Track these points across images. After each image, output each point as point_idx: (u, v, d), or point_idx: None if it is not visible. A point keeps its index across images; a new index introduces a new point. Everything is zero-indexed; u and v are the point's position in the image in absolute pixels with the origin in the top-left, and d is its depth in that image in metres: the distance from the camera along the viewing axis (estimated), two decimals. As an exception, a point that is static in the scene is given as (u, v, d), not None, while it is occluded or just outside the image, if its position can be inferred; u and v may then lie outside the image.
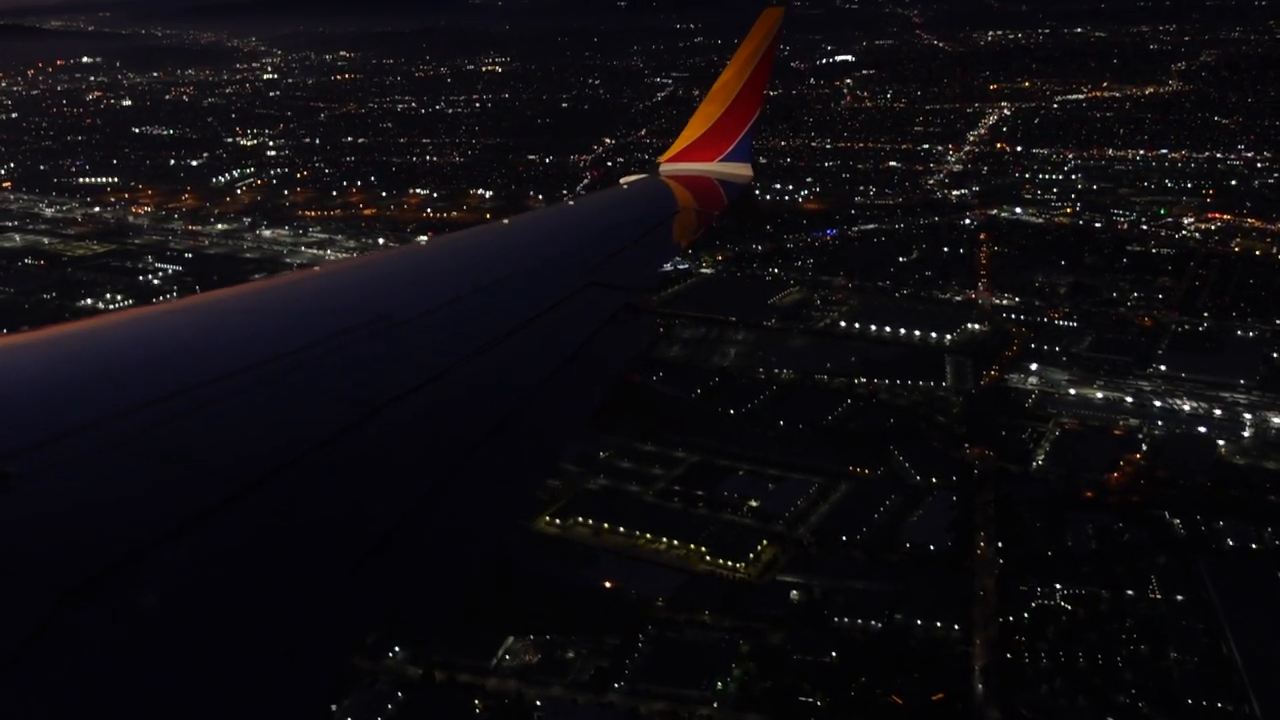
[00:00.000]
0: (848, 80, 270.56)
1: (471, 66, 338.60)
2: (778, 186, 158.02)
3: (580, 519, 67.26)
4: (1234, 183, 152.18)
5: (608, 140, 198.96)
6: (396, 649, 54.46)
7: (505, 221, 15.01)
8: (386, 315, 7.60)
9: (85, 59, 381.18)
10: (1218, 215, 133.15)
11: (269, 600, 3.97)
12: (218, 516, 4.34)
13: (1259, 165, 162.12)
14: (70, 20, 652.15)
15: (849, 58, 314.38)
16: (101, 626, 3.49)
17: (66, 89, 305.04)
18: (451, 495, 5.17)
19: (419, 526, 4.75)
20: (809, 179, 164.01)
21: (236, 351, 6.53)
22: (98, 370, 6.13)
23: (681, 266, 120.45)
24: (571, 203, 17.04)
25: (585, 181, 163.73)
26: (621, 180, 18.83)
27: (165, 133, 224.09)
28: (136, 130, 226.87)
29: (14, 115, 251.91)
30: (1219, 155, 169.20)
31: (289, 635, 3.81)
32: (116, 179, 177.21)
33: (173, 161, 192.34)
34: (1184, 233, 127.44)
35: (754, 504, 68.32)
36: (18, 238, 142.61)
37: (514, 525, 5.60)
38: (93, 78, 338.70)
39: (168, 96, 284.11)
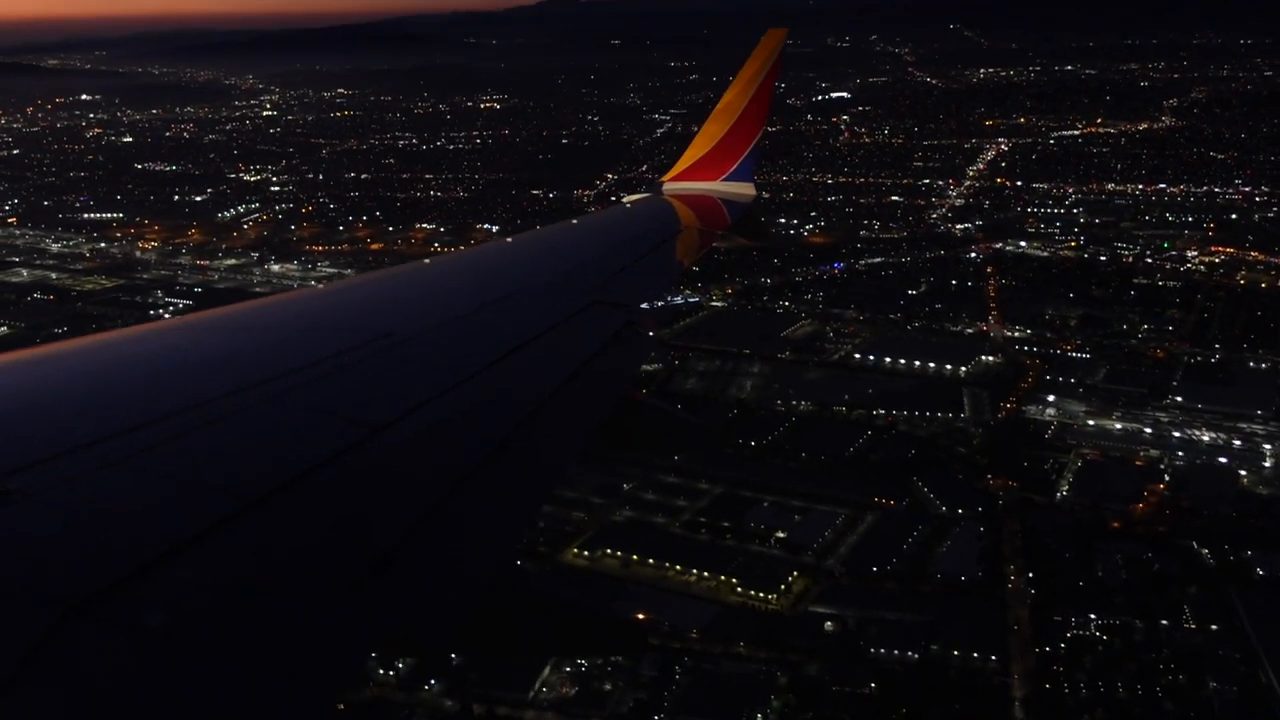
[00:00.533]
0: (844, 116, 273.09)
1: (470, 103, 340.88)
2: (782, 220, 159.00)
3: (608, 551, 67.09)
4: (1234, 216, 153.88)
5: (610, 175, 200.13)
6: (432, 681, 54.34)
7: (509, 239, 14.72)
8: (390, 333, 7.65)
9: (85, 96, 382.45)
10: (1221, 249, 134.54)
11: (269, 619, 3.94)
12: (218, 535, 4.31)
13: (1258, 199, 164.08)
14: (67, 58, 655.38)
15: (844, 94, 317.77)
16: (100, 645, 3.45)
17: (66, 126, 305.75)
18: (454, 513, 5.15)
19: (421, 545, 4.73)
20: (813, 213, 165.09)
21: (239, 368, 6.55)
22: (99, 387, 6.12)
23: (692, 300, 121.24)
24: (575, 221, 16.67)
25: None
26: (625, 199, 18.84)
27: (168, 169, 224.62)
28: (139, 166, 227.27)
29: (15, 151, 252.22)
30: (1217, 190, 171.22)
31: (292, 653, 3.78)
32: (122, 214, 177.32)
33: (177, 197, 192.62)
34: (1189, 266, 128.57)
35: (781, 535, 68.34)
36: (25, 273, 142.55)
37: (517, 542, 5.64)
38: (92, 115, 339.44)
39: (168, 133, 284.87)
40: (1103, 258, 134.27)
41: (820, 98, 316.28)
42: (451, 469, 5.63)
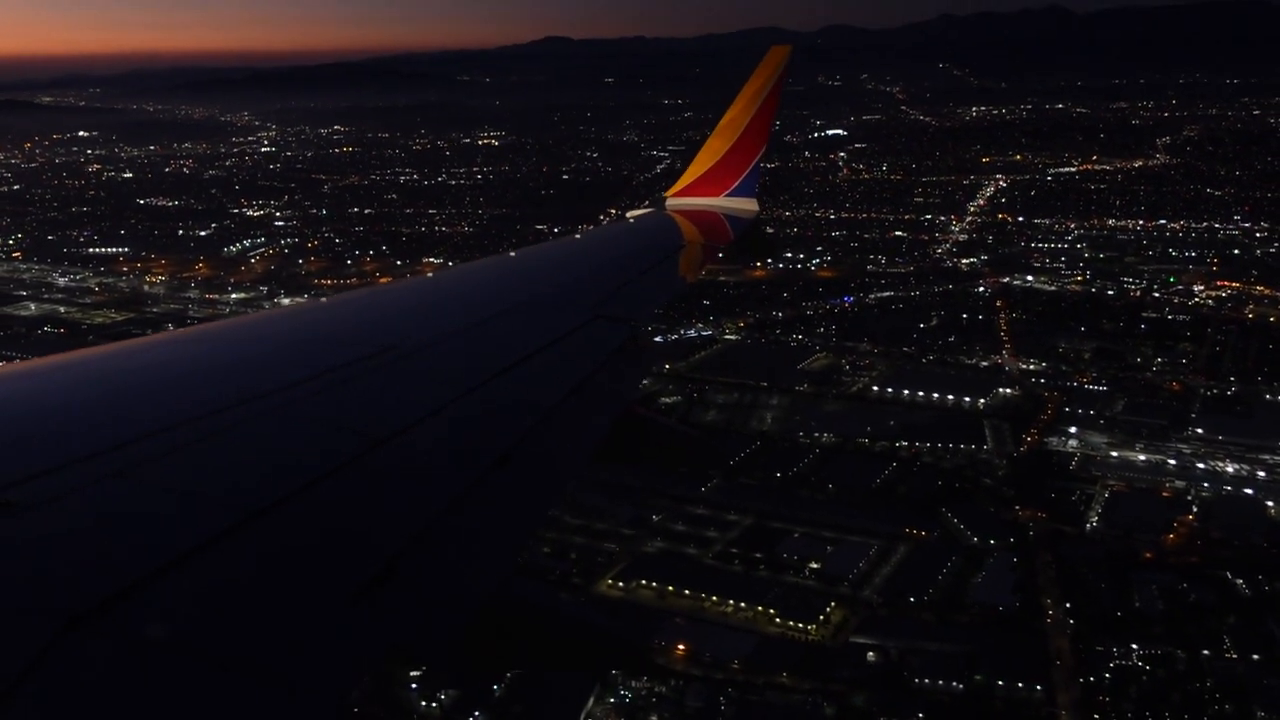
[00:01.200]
0: (842, 153, 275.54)
1: (468, 140, 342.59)
2: (789, 255, 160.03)
3: (643, 581, 66.85)
4: (1236, 252, 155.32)
5: (612, 210, 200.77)
6: (477, 713, 53.94)
7: (513, 253, 14.55)
8: (393, 345, 7.62)
9: (82, 133, 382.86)
10: (1226, 283, 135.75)
11: (269, 630, 3.92)
12: (218, 546, 4.28)
13: (1258, 235, 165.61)
14: (61, 95, 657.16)
15: (841, 132, 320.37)
16: (100, 657, 3.42)
17: (65, 162, 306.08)
18: (455, 526, 5.09)
19: (422, 557, 4.68)
20: (819, 248, 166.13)
21: (242, 380, 6.52)
22: (101, 398, 6.09)
23: (705, 333, 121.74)
24: (578, 236, 16.86)
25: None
26: (628, 214, 18.76)
27: (170, 204, 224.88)
28: (141, 202, 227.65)
29: (16, 187, 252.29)
30: (1216, 225, 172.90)
31: (291, 665, 3.74)
32: (127, 249, 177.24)
33: (181, 232, 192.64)
34: (1196, 300, 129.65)
35: (815, 566, 68.30)
36: (33, 306, 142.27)
37: (519, 556, 5.56)
38: (90, 151, 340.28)
39: (167, 169, 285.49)
40: (1110, 292, 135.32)
41: (816, 135, 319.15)
42: (453, 482, 5.61)
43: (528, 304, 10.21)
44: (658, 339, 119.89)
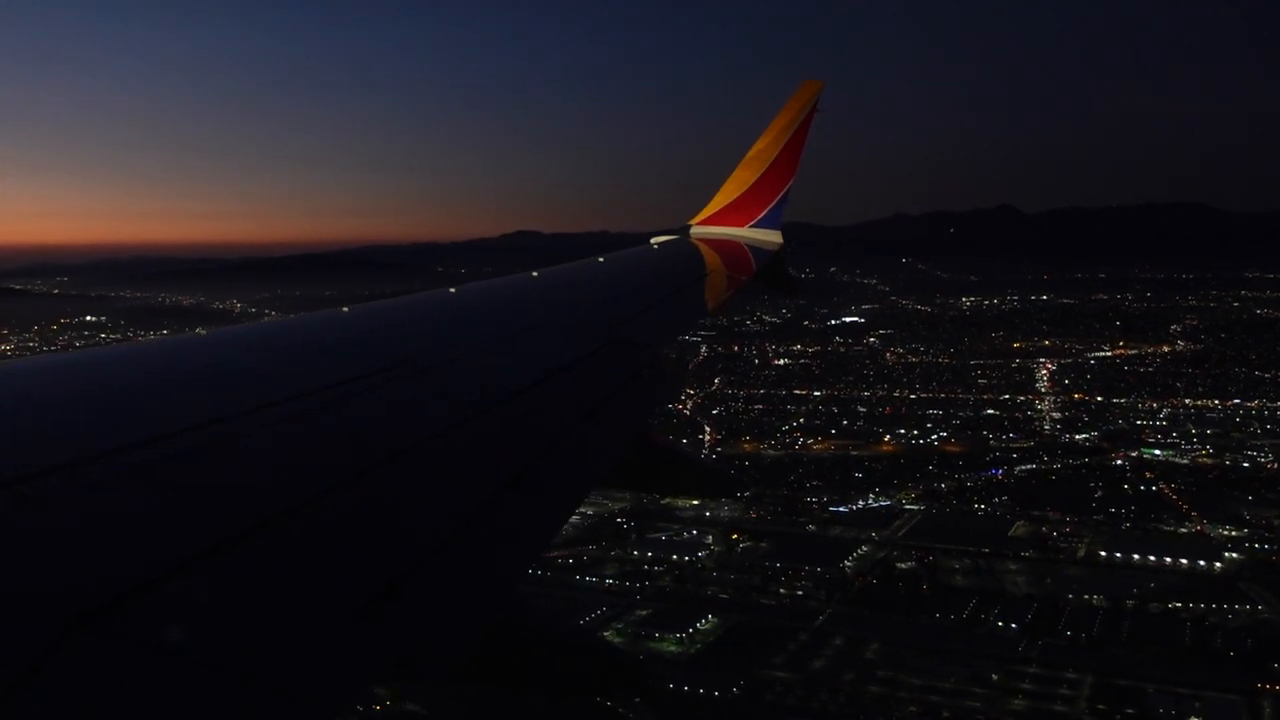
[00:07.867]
0: (872, 339, 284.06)
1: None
2: (901, 431, 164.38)
3: (1041, 741, 66.51)
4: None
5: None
6: None
7: (534, 274, 13.97)
8: (405, 360, 7.52)
9: (89, 317, 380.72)
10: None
11: (270, 642, 3.84)
12: (225, 554, 4.21)
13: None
14: (29, 283, 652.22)
15: (858, 319, 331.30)
16: (98, 659, 3.31)
17: (84, 347, 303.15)
18: (463, 547, 5.03)
19: (428, 576, 4.61)
20: (927, 425, 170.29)
21: (255, 387, 6.48)
22: (116, 397, 6.02)
23: (884, 503, 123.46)
24: (600, 259, 16.14)
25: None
26: (652, 240, 18.83)
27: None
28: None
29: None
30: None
31: (294, 676, 3.68)
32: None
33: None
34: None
35: (1200, 723, 68.64)
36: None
37: (526, 575, 5.63)
38: (103, 335, 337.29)
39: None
40: (1245, 465, 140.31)
41: (833, 322, 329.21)
42: (462, 501, 5.53)
43: (545, 324, 10.18)
44: (841, 509, 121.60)
